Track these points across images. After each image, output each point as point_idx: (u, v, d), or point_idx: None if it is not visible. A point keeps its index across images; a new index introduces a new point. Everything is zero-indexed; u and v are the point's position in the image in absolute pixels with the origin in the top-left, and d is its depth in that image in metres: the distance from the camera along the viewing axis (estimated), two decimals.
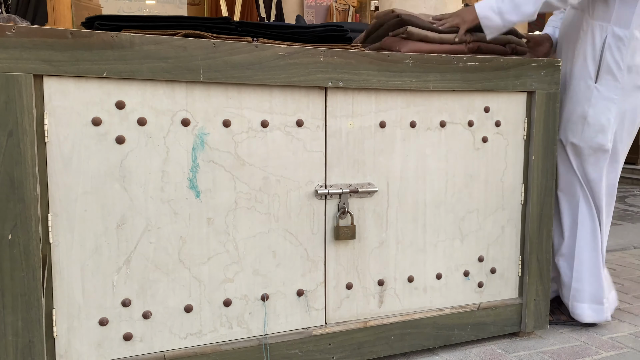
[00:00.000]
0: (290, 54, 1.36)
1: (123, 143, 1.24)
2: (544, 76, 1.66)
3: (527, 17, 1.64)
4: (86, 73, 1.18)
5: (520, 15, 1.63)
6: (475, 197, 1.65)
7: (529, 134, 1.68)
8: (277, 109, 1.39)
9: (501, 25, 1.64)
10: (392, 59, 1.48)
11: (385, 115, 1.51)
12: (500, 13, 1.62)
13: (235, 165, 1.35)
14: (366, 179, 1.50)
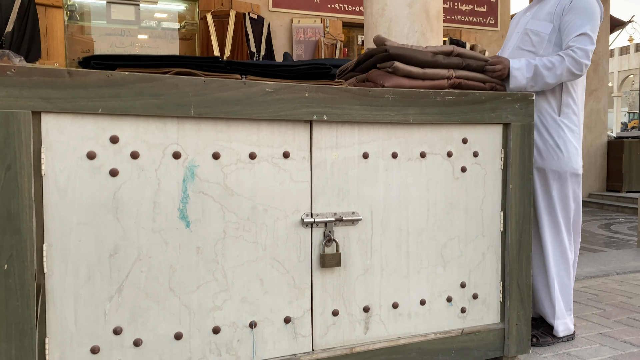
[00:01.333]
0: (276, 90, 1.44)
1: (116, 176, 1.30)
2: (518, 109, 1.75)
3: (547, 87, 1.97)
4: (82, 109, 1.25)
5: (541, 86, 1.96)
6: (456, 224, 1.71)
7: (506, 163, 1.76)
8: (264, 141, 1.45)
9: (523, 86, 1.95)
10: (373, 94, 1.56)
11: (368, 146, 1.58)
12: (527, 79, 1.94)
13: (224, 195, 1.41)
14: (351, 208, 1.57)
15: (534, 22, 2.11)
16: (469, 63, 1.82)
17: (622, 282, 3.00)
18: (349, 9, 6.46)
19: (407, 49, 1.75)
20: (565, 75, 1.92)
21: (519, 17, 2.30)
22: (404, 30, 2.85)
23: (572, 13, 2.04)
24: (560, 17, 2.05)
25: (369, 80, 1.75)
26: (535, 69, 1.92)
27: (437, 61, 1.76)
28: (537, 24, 2.09)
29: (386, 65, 1.72)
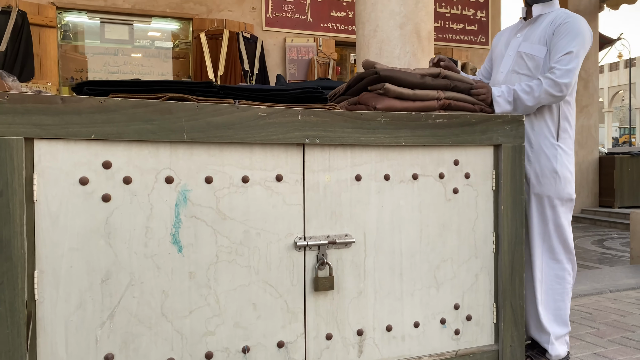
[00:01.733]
0: (269, 114, 1.45)
1: (109, 201, 1.30)
2: (509, 131, 1.77)
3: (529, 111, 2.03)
4: (75, 136, 1.25)
5: (522, 110, 2.00)
6: (448, 246, 1.72)
7: (498, 185, 1.77)
8: (257, 165, 1.46)
9: (507, 111, 1.99)
10: (365, 117, 1.57)
11: (360, 169, 1.59)
12: (507, 101, 2.00)
13: (217, 219, 1.41)
14: (344, 230, 1.57)
15: (527, 45, 2.15)
16: (457, 85, 1.85)
17: (616, 300, 3.01)
18: (342, 28, 6.52)
19: (397, 71, 1.77)
20: (545, 98, 1.93)
21: (508, 37, 2.31)
22: (396, 51, 2.89)
23: (559, 35, 2.08)
24: (550, 40, 2.11)
25: (360, 103, 1.77)
26: (514, 93, 1.96)
27: (426, 82, 1.78)
28: (532, 48, 2.12)
29: (377, 87, 1.74)
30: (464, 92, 1.88)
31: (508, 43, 2.28)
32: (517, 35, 2.21)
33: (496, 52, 2.34)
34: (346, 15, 6.52)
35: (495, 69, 2.29)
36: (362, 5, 2.97)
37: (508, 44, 2.27)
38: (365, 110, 1.72)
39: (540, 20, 2.16)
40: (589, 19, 9.01)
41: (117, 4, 5.55)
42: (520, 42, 2.18)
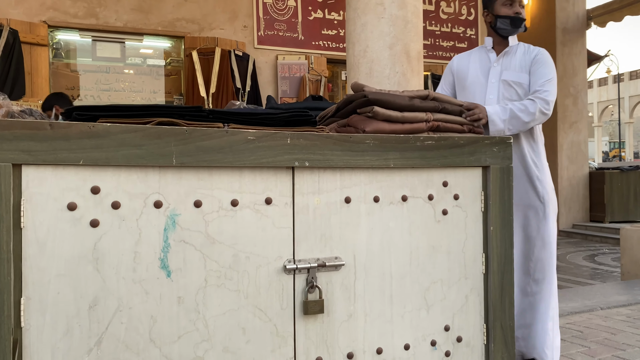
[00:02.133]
0: (259, 138, 1.45)
1: (97, 226, 1.29)
2: (497, 152, 1.79)
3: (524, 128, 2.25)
4: (63, 161, 1.25)
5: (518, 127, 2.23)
6: (438, 267, 1.72)
7: (486, 205, 1.79)
8: (246, 188, 1.46)
9: (502, 130, 2.21)
10: (354, 140, 1.59)
11: (350, 191, 1.60)
12: (502, 120, 2.19)
13: (206, 243, 1.41)
14: (333, 253, 1.57)
15: (511, 73, 2.37)
16: (445, 106, 1.87)
17: (607, 317, 3.02)
18: (333, 46, 6.59)
19: (385, 94, 1.78)
20: (538, 116, 2.12)
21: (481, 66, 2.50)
22: (386, 71, 2.92)
23: (538, 64, 2.40)
24: (529, 68, 2.30)
25: (349, 125, 1.78)
26: (510, 112, 2.07)
27: (414, 105, 1.80)
28: (517, 76, 2.35)
29: (366, 110, 1.75)
30: (452, 114, 1.90)
31: (485, 71, 2.49)
32: (494, 64, 2.39)
33: (470, 76, 2.45)
34: (337, 34, 6.59)
35: (478, 94, 2.38)
36: (352, 25, 3.00)
37: (486, 73, 2.48)
38: (354, 132, 1.73)
39: (512, 50, 2.41)
40: (577, 35, 9.16)
41: (109, 23, 5.58)
42: (500, 70, 2.40)
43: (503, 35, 2.53)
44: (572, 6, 9.12)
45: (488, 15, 2.57)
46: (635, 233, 4.36)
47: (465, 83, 2.58)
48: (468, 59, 2.61)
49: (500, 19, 2.49)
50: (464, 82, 2.57)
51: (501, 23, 2.49)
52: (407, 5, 2.91)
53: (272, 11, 6.27)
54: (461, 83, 2.59)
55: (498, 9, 2.51)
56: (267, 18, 6.24)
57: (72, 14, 5.45)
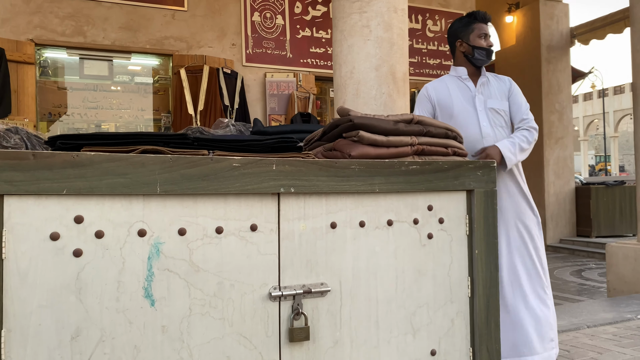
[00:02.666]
0: (244, 165, 1.46)
1: (80, 256, 1.28)
2: (480, 176, 1.81)
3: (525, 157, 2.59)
4: (46, 191, 1.24)
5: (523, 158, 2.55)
6: (424, 291, 1.72)
7: (471, 229, 1.80)
8: (231, 215, 1.46)
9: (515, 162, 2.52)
10: (339, 166, 1.59)
11: (335, 216, 1.60)
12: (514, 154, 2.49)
13: (190, 272, 1.40)
14: (319, 279, 1.57)
15: (494, 101, 2.67)
16: (429, 130, 1.88)
17: (593, 335, 3.03)
18: (321, 64, 6.64)
19: (371, 118, 1.80)
20: (533, 142, 2.39)
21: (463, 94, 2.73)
22: (372, 92, 2.94)
23: (515, 94, 2.73)
24: (508, 97, 2.71)
25: (335, 149, 1.79)
26: (518, 145, 2.55)
27: (399, 129, 1.82)
28: (500, 103, 2.68)
29: (352, 134, 1.77)
30: (437, 137, 1.92)
31: (469, 100, 2.69)
32: (477, 94, 2.62)
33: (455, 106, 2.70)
34: (325, 51, 6.65)
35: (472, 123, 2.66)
36: (339, 47, 3.03)
37: (470, 101, 2.69)
38: (340, 156, 1.74)
39: (487, 80, 2.62)
40: (561, 53, 9.32)
41: (97, 41, 5.58)
42: (484, 99, 2.60)
43: (477, 65, 2.74)
44: (557, 24, 9.29)
45: (462, 45, 2.74)
46: (620, 250, 4.41)
47: (452, 112, 2.70)
48: (447, 88, 2.75)
49: (477, 50, 2.68)
50: (450, 110, 2.70)
51: (478, 54, 2.68)
52: (392, 27, 2.94)
53: (261, 29, 6.32)
54: (447, 112, 2.71)
55: (474, 40, 2.70)
56: (255, 36, 6.28)
57: (60, 32, 5.45)
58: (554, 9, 9.33)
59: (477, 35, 2.69)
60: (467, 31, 2.73)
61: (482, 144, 2.62)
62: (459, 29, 2.76)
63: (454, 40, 2.80)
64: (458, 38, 2.76)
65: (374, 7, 2.94)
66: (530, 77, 9.16)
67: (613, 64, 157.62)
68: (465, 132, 2.58)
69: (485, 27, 2.73)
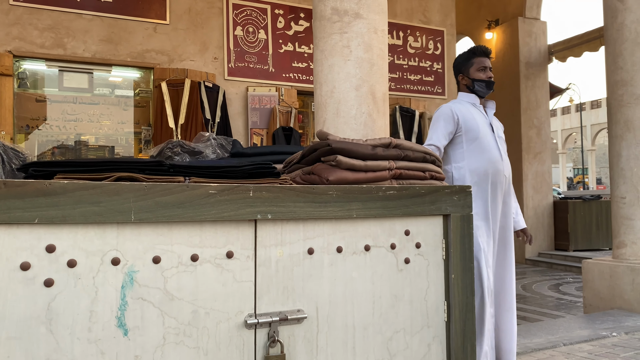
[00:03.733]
0: (220, 192, 1.45)
1: (51, 286, 1.26)
2: (457, 201, 1.83)
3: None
4: (17, 221, 1.22)
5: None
6: (401, 316, 1.73)
7: (447, 253, 1.81)
8: (207, 242, 1.45)
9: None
10: (317, 192, 1.60)
11: (312, 242, 1.60)
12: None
13: (164, 300, 1.38)
14: (296, 306, 1.56)
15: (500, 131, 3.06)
16: (407, 154, 1.90)
17: (569, 354, 3.07)
18: (303, 78, 6.66)
19: (349, 143, 1.81)
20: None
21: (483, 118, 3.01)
22: (352, 111, 2.96)
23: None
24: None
25: (314, 173, 1.79)
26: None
27: (377, 154, 1.83)
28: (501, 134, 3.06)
29: (330, 159, 1.78)
30: (415, 160, 1.94)
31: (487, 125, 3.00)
32: (493, 121, 3.03)
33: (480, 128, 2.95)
34: (307, 66, 6.68)
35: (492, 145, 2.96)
36: (320, 67, 3.05)
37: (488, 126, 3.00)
38: (318, 180, 1.75)
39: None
40: (539, 69, 9.49)
41: (77, 53, 5.53)
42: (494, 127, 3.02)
43: (480, 96, 3.02)
44: (535, 41, 9.48)
45: (464, 78, 3.05)
46: (596, 266, 4.47)
47: (477, 135, 2.94)
48: (469, 112, 2.99)
49: (477, 82, 2.97)
50: (476, 133, 2.93)
51: (478, 86, 2.97)
52: (372, 48, 2.97)
53: (243, 43, 6.32)
54: (473, 134, 2.94)
55: (474, 74, 2.99)
56: (237, 50, 6.28)
57: (39, 44, 5.39)
58: (532, 26, 9.52)
59: (476, 69, 2.97)
60: (467, 65, 3.02)
61: (502, 165, 2.96)
62: (460, 64, 3.06)
63: (456, 74, 3.10)
64: (460, 72, 3.06)
65: (354, 28, 2.97)
66: (510, 92, 9.31)
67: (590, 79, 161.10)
68: (489, 155, 2.91)
69: (485, 60, 2.98)
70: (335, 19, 2.99)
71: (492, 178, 2.91)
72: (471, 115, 2.97)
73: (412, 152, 1.93)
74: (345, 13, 2.98)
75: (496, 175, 2.92)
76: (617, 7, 4.40)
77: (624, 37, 4.35)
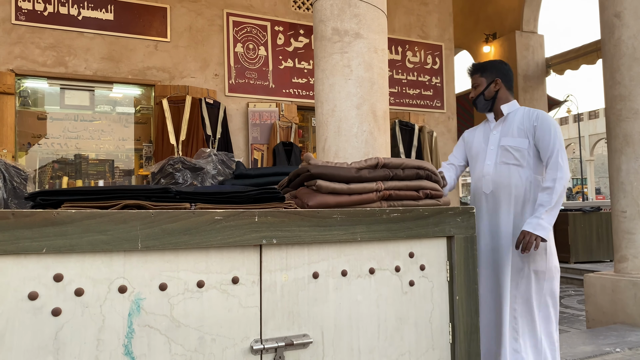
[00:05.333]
0: (226, 217, 1.46)
1: (59, 315, 1.27)
2: (460, 222, 1.84)
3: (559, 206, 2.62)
4: (25, 251, 1.23)
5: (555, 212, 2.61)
6: (406, 339, 1.73)
7: (452, 275, 1.82)
8: (213, 268, 1.46)
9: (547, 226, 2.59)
10: (321, 215, 1.61)
11: (317, 266, 1.61)
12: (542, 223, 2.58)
13: (171, 327, 1.39)
14: (301, 330, 1.57)
15: (508, 139, 2.77)
16: (397, 173, 1.87)
17: None
18: (303, 94, 6.70)
19: (330, 167, 1.80)
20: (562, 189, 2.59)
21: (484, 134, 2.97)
22: (353, 130, 2.98)
23: (541, 130, 2.69)
24: (533, 134, 2.72)
25: (297, 198, 1.78)
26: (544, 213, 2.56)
27: (362, 176, 1.81)
28: (514, 141, 2.71)
29: (311, 183, 1.77)
30: (406, 179, 1.90)
31: (486, 139, 2.92)
32: (494, 132, 2.78)
33: (474, 146, 2.95)
34: (307, 82, 6.71)
35: (480, 161, 2.88)
36: (321, 85, 3.07)
37: (487, 140, 2.91)
38: (301, 205, 1.73)
39: (510, 118, 2.70)
40: (537, 82, 9.55)
41: (79, 71, 5.57)
42: (498, 137, 2.81)
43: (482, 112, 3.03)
44: (532, 55, 9.55)
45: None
46: (598, 280, 4.47)
47: (471, 152, 3.00)
48: (474, 131, 3.08)
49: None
50: (470, 151, 3.00)
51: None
52: (373, 67, 3.00)
53: (243, 60, 6.37)
54: (470, 152, 3.01)
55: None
56: (238, 67, 6.32)
57: (41, 63, 5.42)
58: (530, 40, 9.60)
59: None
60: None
61: (482, 182, 2.86)
62: None
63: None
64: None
65: (354, 48, 3.00)
66: None
67: (587, 90, 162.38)
68: (474, 170, 2.92)
69: (470, 79, 3.00)
70: (336, 39, 3.03)
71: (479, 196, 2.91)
72: (473, 133, 3.05)
73: (401, 170, 1.89)
74: (345, 33, 3.01)
75: (479, 193, 2.89)
76: (614, 23, 4.44)
77: (622, 53, 4.39)
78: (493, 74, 2.88)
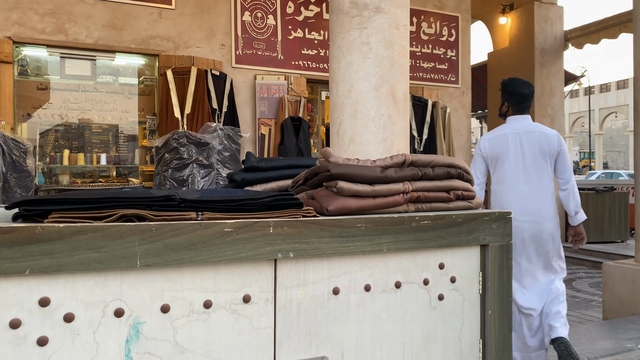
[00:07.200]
0: (237, 229, 1.28)
1: (45, 344, 1.10)
2: (496, 229, 1.65)
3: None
4: (6, 272, 1.06)
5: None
6: (433, 357, 1.57)
7: (484, 287, 1.64)
8: (222, 286, 1.29)
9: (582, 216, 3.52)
10: (344, 224, 1.42)
11: (338, 280, 1.44)
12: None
13: (174, 353, 1.22)
14: (320, 352, 1.40)
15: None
16: (426, 172, 1.67)
17: None
18: (313, 66, 6.44)
19: (352, 166, 1.59)
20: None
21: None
22: (371, 113, 2.77)
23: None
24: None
25: (315, 199, 1.59)
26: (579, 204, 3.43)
27: (388, 176, 1.60)
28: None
29: (331, 184, 1.57)
30: (437, 179, 1.70)
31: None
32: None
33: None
34: (317, 53, 6.44)
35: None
36: (336, 64, 2.85)
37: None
38: (319, 208, 1.53)
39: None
40: (555, 57, 9.21)
41: (79, 39, 5.32)
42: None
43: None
44: (551, 27, 9.17)
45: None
46: (618, 270, 4.31)
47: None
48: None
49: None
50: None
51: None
52: (394, 45, 2.77)
53: (251, 30, 6.09)
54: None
55: None
56: (245, 37, 6.05)
57: (40, 30, 5.17)
58: (549, 11, 9.20)
59: None
60: None
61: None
62: None
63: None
64: None
65: (374, 23, 2.76)
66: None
67: (599, 63, 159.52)
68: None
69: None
70: (354, 13, 2.78)
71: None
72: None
73: (431, 169, 1.69)
74: (365, 7, 2.76)
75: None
76: None
77: None
78: (504, 97, 3.47)
